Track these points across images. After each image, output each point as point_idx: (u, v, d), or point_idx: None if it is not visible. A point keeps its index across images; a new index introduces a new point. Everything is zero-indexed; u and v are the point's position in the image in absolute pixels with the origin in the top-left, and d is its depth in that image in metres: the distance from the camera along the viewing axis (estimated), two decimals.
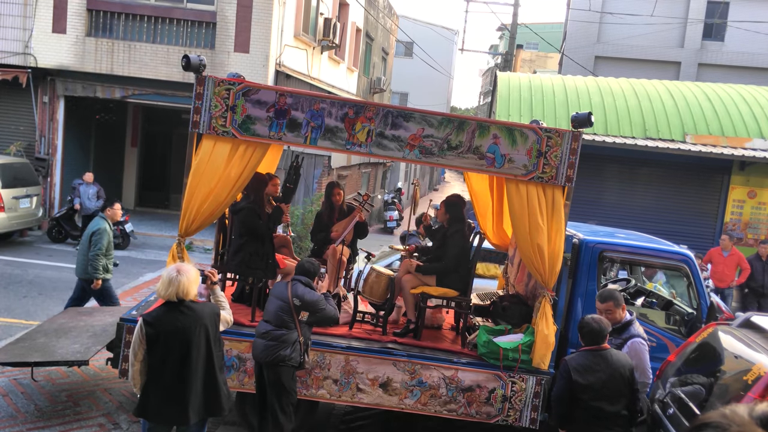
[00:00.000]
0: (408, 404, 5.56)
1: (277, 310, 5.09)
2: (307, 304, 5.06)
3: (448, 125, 5.27)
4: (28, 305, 9.14)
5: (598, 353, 4.47)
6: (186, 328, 4.08)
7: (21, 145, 14.07)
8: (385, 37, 26.89)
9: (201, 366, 4.15)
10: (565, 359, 4.63)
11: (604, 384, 4.38)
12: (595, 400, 4.38)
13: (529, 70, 37.00)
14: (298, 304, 5.03)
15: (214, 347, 4.21)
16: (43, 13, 13.82)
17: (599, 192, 13.82)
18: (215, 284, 4.65)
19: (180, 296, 4.08)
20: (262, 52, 13.72)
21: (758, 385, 4.17)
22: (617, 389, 4.42)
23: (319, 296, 5.16)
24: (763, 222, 13.58)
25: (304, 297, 5.05)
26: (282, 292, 5.14)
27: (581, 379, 4.39)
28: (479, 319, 6.48)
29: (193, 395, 4.13)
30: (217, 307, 4.43)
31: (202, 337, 4.13)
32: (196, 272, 4.24)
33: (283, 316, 5.06)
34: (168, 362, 4.09)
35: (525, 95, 14.90)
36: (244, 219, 6.05)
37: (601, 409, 4.38)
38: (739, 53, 23.16)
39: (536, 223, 5.32)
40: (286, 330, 5.05)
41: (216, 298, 4.62)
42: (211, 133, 5.25)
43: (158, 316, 4.11)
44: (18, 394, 6.33)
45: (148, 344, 4.06)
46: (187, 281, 4.10)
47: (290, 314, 5.05)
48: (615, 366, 4.44)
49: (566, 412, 4.52)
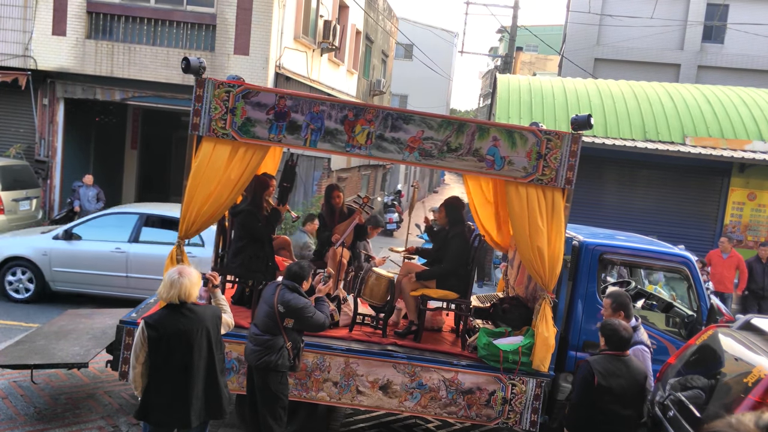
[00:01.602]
0: (408, 407, 5.55)
1: (263, 315, 4.96)
2: (292, 310, 4.86)
3: (448, 127, 5.27)
4: (27, 307, 9.13)
5: (620, 359, 4.52)
6: (188, 330, 4.07)
7: (21, 148, 14.07)
8: (385, 39, 26.91)
9: (203, 369, 4.14)
10: (588, 361, 4.58)
11: (623, 389, 4.42)
12: (611, 404, 4.41)
13: (529, 72, 37.04)
14: (282, 310, 4.85)
15: (215, 350, 4.21)
16: (43, 16, 13.82)
17: (599, 194, 13.82)
18: (216, 287, 4.64)
19: (182, 298, 4.08)
20: (261, 54, 13.73)
21: (758, 387, 4.16)
22: (633, 395, 4.47)
23: (305, 302, 4.94)
24: (763, 224, 13.57)
25: (289, 303, 4.85)
26: (269, 297, 4.96)
27: (604, 382, 4.40)
28: (479, 322, 6.47)
29: (195, 398, 4.13)
30: (218, 309, 4.43)
31: (204, 339, 4.13)
32: (197, 274, 4.24)
33: (268, 321, 4.90)
34: (170, 365, 4.08)
35: (525, 97, 14.90)
36: (244, 221, 6.05)
37: (616, 412, 4.42)
38: (738, 55, 23.19)
39: (536, 225, 5.32)
40: (271, 336, 4.88)
41: (217, 301, 4.62)
42: (211, 136, 5.25)
43: (160, 319, 4.10)
44: (17, 396, 6.32)
45: (150, 347, 4.05)
46: (189, 283, 4.10)
47: (275, 320, 4.88)
48: (634, 373, 4.50)
49: (585, 415, 4.48)
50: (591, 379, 4.42)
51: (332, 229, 6.91)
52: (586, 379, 4.47)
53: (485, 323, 6.39)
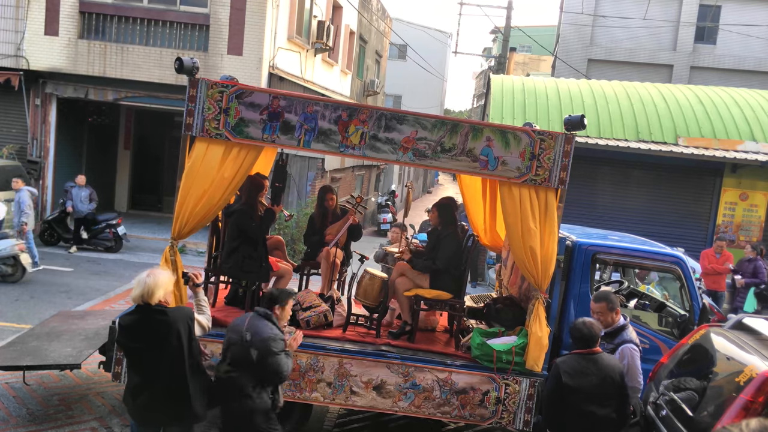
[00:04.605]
0: (402, 407, 5.55)
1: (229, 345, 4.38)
2: (258, 341, 4.20)
3: (442, 128, 5.27)
4: (19, 308, 9.08)
5: (589, 357, 4.49)
6: (153, 331, 4.02)
7: (13, 148, 13.99)
8: (379, 39, 26.92)
9: (168, 370, 4.05)
10: (556, 361, 4.64)
11: (594, 387, 4.39)
12: (585, 404, 4.38)
13: (523, 72, 37.12)
14: (248, 339, 4.21)
15: (186, 352, 4.08)
16: (36, 16, 13.77)
17: (592, 194, 13.87)
18: (198, 286, 4.54)
19: (145, 299, 4.01)
20: (255, 54, 13.72)
21: (750, 386, 4.18)
22: (607, 393, 4.43)
23: (275, 334, 4.25)
24: (755, 224, 13.65)
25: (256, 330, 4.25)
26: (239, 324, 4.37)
27: (571, 381, 4.40)
28: (473, 322, 6.48)
29: (164, 399, 4.09)
30: (191, 311, 4.28)
31: (173, 340, 4.04)
32: (167, 276, 4.19)
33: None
34: (134, 364, 4.11)
35: (518, 98, 14.94)
36: (237, 222, 6.03)
37: (592, 413, 4.39)
38: (730, 56, 23.31)
39: (529, 225, 5.32)
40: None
41: (197, 301, 4.52)
42: (204, 136, 5.24)
43: (127, 320, 4.11)
44: (10, 398, 6.29)
45: (119, 345, 4.06)
46: (153, 284, 4.01)
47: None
48: (606, 370, 4.45)
49: (557, 415, 4.52)
50: (558, 378, 4.44)
51: (324, 232, 6.90)
52: (554, 379, 4.51)
53: (479, 323, 6.41)
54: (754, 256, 11.23)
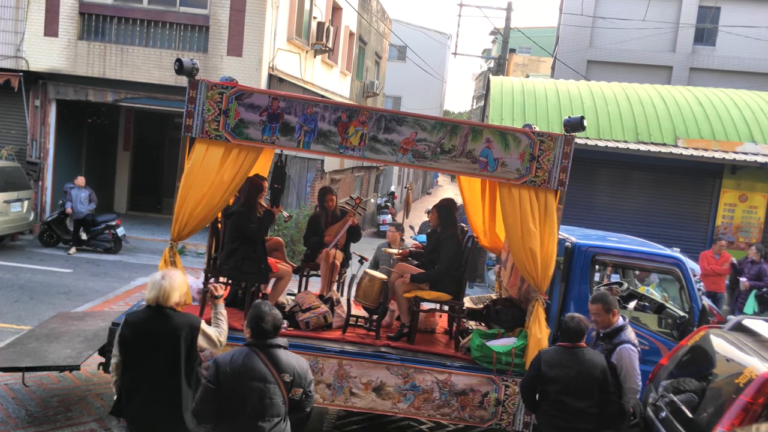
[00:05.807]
0: (401, 408, 5.55)
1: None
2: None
3: (441, 129, 5.28)
4: (19, 310, 9.08)
5: (571, 350, 4.58)
6: (156, 333, 3.99)
7: (12, 149, 13.99)
8: (379, 41, 26.94)
9: (163, 376, 4.00)
10: (540, 351, 4.80)
11: (571, 379, 4.48)
12: (561, 394, 4.50)
13: (522, 74, 37.14)
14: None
15: (183, 360, 4.01)
16: (35, 17, 13.76)
17: (592, 196, 13.88)
18: (217, 299, 4.43)
19: (160, 302, 4.00)
20: (255, 55, 13.72)
21: (749, 388, 4.19)
22: (585, 387, 4.50)
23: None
24: (754, 225, 13.65)
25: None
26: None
27: (549, 371, 4.54)
28: (472, 323, 6.48)
29: (156, 402, 4.02)
30: (198, 320, 4.17)
31: (173, 345, 3.99)
32: (181, 278, 4.17)
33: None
34: (132, 364, 4.05)
35: (518, 99, 14.94)
36: (236, 223, 6.03)
37: (566, 403, 4.49)
38: (730, 58, 23.33)
39: (528, 227, 5.33)
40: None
41: (215, 314, 4.42)
42: (204, 137, 5.24)
43: (134, 317, 4.10)
44: (9, 399, 6.29)
45: (120, 342, 4.03)
46: (169, 287, 4.00)
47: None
48: (585, 365, 4.52)
49: (532, 399, 4.72)
50: (537, 366, 4.62)
51: (323, 233, 6.90)
52: (533, 366, 4.70)
53: (478, 324, 6.40)
54: (758, 258, 11.17)
